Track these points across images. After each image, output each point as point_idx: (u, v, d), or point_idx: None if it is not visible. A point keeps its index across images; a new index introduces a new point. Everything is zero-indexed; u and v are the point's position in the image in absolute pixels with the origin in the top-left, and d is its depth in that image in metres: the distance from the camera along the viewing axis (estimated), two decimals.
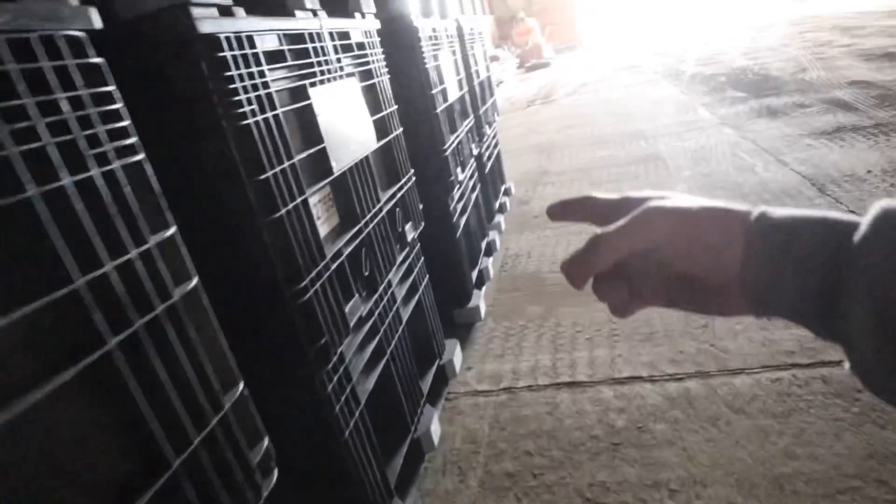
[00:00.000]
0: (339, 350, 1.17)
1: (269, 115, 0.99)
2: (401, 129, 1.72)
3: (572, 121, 5.98)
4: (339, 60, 1.32)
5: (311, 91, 1.16)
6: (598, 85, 8.26)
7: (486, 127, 3.17)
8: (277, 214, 0.98)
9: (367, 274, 1.35)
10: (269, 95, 1.00)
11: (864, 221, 0.30)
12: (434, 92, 2.01)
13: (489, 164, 3.17)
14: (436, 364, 1.91)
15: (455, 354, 2.00)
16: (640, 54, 11.76)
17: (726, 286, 0.38)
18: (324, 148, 1.19)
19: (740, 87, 5.78)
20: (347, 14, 1.46)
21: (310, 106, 1.16)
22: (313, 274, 1.07)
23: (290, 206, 1.02)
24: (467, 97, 2.74)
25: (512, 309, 2.37)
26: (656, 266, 0.41)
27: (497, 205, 3.35)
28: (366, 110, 1.44)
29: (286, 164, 1.03)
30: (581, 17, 18.92)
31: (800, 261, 0.32)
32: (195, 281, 0.74)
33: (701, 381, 1.65)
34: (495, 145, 3.56)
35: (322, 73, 1.22)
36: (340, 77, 1.33)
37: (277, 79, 1.06)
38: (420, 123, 1.99)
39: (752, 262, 0.35)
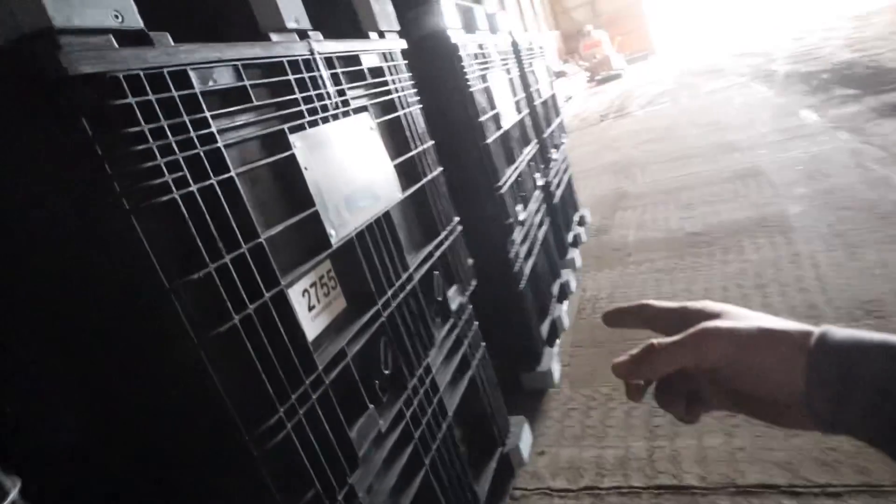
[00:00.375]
0: (346, 488, 0.83)
1: (213, 180, 0.68)
2: (439, 170, 1.38)
3: (651, 134, 5.42)
4: (340, 93, 1.00)
5: (292, 138, 0.85)
6: (676, 93, 7.58)
7: (553, 151, 2.78)
8: (226, 326, 0.66)
9: (388, 372, 1.00)
10: (214, 153, 0.69)
11: None
12: (483, 119, 1.66)
13: (559, 193, 2.77)
14: (497, 453, 1.52)
15: (522, 438, 1.60)
16: (721, 57, 10.86)
17: (790, 404, 0.36)
18: (315, 212, 0.87)
19: (850, 83, 4.99)
20: (359, 34, 1.15)
21: (291, 158, 0.84)
22: (294, 399, 0.74)
23: (252, 307, 0.70)
24: (527, 120, 2.37)
25: (592, 371, 1.94)
26: (717, 379, 0.40)
27: (570, 238, 2.92)
28: (383, 152, 1.11)
29: (245, 247, 0.71)
30: (652, 23, 18.01)
31: (865, 391, 0.32)
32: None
33: (872, 502, 1.15)
34: (565, 170, 3.15)
35: (312, 111, 0.91)
36: (345, 114, 1.01)
37: (235, 126, 0.75)
38: (467, 158, 1.65)
39: (815, 391, 0.34)
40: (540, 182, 2.35)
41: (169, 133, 0.63)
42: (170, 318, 0.61)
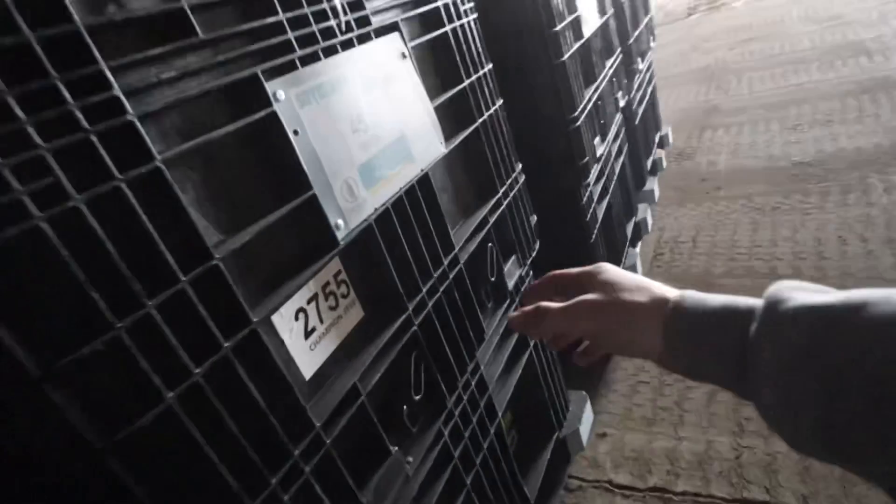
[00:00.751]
0: None
1: (120, 180, 0.41)
2: (499, 103, 1.04)
3: (751, 32, 4.60)
4: (354, 6, 0.67)
5: (273, 86, 0.55)
6: None
7: (638, 61, 2.29)
8: (150, 415, 0.42)
9: (419, 397, 0.76)
10: (119, 132, 0.41)
11: (757, 313, 0.34)
12: (559, 28, 1.27)
13: (640, 111, 2.32)
14: (553, 439, 1.30)
15: (583, 420, 1.37)
16: None
17: (658, 360, 0.42)
18: (312, 198, 0.59)
19: None
20: None
21: (271, 118, 0.55)
22: (276, 482, 0.51)
23: (200, 372, 0.45)
24: (612, 23, 1.90)
25: None
26: None
27: (649, 164, 2.50)
28: (420, 89, 0.79)
29: (185, 279, 0.45)
30: None
31: (711, 349, 0.37)
32: None
33: None
34: (649, 81, 2.65)
35: (306, 40, 0.60)
36: (362, 39, 0.69)
37: (166, 80, 0.46)
38: (535, 81, 1.28)
39: (671, 352, 0.40)
40: (621, 102, 1.93)
41: (20, 112, 0.36)
42: (51, 421, 0.38)
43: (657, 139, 2.78)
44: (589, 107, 1.46)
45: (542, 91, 1.28)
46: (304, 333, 0.60)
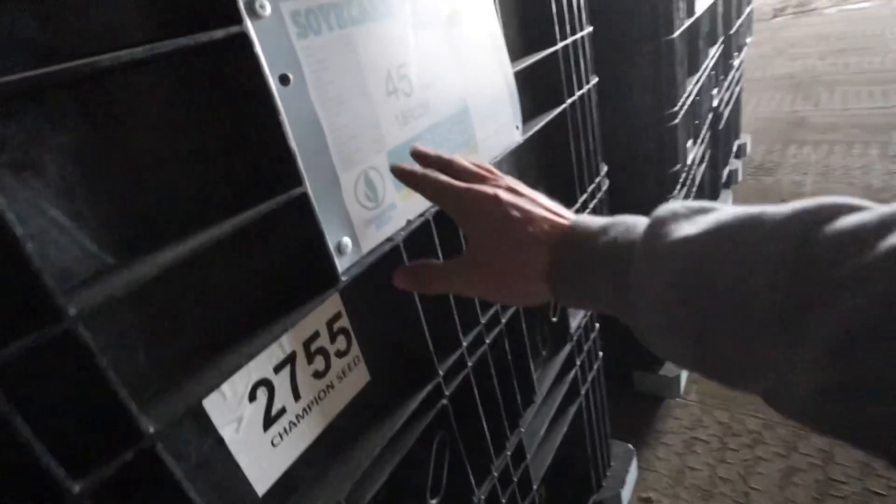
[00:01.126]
0: None
1: None
2: (594, 82, 0.76)
3: (845, 42, 4.09)
4: None
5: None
6: None
7: (735, 56, 1.94)
8: None
9: (436, 502, 0.51)
10: None
11: (636, 252, 0.32)
12: None
13: (726, 114, 1.97)
14: (590, 502, 1.05)
15: (626, 483, 1.11)
16: None
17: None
18: (300, 198, 0.33)
19: None
20: None
21: (239, 46, 0.29)
22: None
23: None
24: (720, 7, 1.56)
25: None
26: None
27: (724, 174, 2.16)
28: (500, 44, 0.52)
29: None
30: None
31: (594, 293, 0.34)
32: None
33: None
34: (737, 82, 2.28)
35: None
36: None
37: None
38: (633, 63, 0.98)
39: (559, 299, 0.37)
40: (714, 101, 1.60)
41: None
42: None
43: (735, 148, 2.42)
44: (689, 102, 1.16)
45: (642, 73, 0.99)
46: (262, 421, 0.35)
